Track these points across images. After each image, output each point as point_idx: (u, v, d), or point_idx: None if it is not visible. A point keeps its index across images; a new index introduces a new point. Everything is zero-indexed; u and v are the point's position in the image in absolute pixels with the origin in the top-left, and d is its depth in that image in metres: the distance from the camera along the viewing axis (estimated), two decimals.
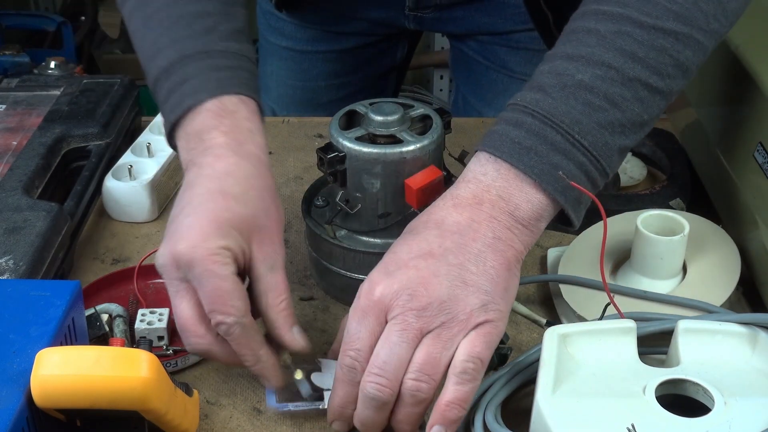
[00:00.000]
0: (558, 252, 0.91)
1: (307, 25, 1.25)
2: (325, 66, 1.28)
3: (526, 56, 1.20)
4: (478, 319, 0.66)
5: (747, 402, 0.65)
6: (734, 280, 0.81)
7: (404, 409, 0.67)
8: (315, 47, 1.27)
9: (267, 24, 1.30)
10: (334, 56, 1.27)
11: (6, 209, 0.87)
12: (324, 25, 1.24)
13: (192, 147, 0.73)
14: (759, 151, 0.82)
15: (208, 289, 0.67)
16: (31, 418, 0.61)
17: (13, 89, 1.11)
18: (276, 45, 1.30)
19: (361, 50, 1.27)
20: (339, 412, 0.70)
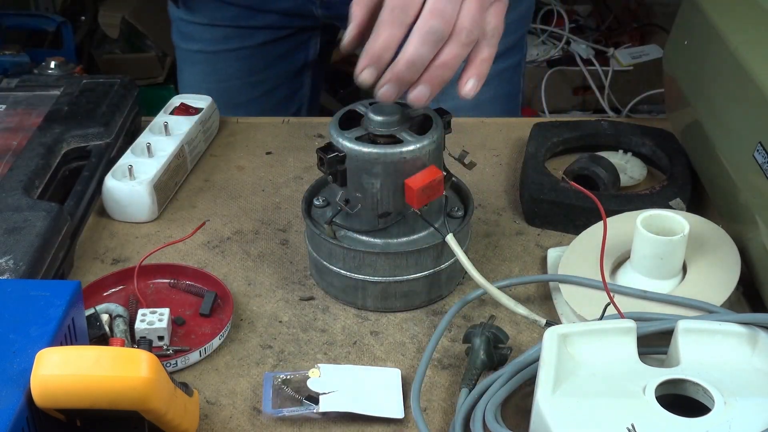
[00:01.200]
0: (558, 252, 0.91)
1: (216, 24, 1.25)
2: (238, 63, 1.28)
3: None
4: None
5: (747, 402, 0.65)
6: (734, 280, 0.81)
7: (453, 50, 0.72)
8: (226, 45, 1.26)
9: (178, 32, 1.30)
10: (246, 53, 1.27)
11: (6, 209, 0.87)
12: (233, 20, 1.24)
13: None
14: (759, 151, 0.82)
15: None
16: (31, 418, 0.61)
17: (13, 89, 1.11)
18: (187, 50, 1.30)
19: (273, 45, 1.26)
20: (378, 54, 0.72)
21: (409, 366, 0.80)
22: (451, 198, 0.89)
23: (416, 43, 0.72)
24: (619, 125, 1.08)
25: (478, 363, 0.76)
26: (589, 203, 0.93)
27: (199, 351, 0.80)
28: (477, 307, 0.86)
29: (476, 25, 0.73)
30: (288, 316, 0.86)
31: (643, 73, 2.49)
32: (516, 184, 1.03)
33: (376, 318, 0.85)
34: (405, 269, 0.84)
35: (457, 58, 0.73)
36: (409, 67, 0.72)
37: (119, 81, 1.11)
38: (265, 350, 0.82)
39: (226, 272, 0.91)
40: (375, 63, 0.73)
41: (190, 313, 0.85)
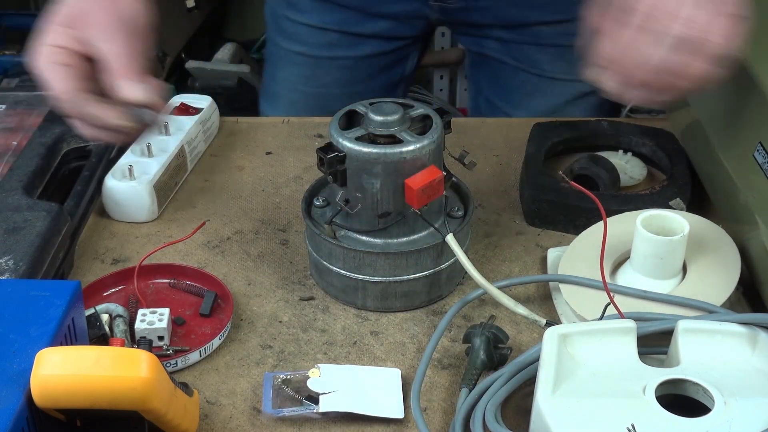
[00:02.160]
0: (558, 252, 0.91)
1: (325, 28, 1.23)
2: (340, 73, 1.27)
3: (555, 54, 1.19)
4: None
5: (747, 402, 0.65)
6: (734, 280, 0.81)
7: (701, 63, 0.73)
8: (331, 53, 1.25)
9: (279, 28, 1.28)
10: (350, 63, 1.26)
11: (6, 209, 0.87)
12: (341, 24, 1.23)
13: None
14: (759, 151, 0.82)
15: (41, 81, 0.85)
16: (31, 418, 0.61)
17: (13, 89, 1.11)
18: (288, 50, 1.28)
19: (377, 58, 1.26)
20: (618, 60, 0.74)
21: (409, 366, 0.80)
22: (451, 198, 0.89)
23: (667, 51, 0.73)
24: (619, 125, 1.08)
25: (478, 363, 0.76)
26: (589, 203, 0.93)
27: (199, 351, 0.80)
28: (477, 307, 0.86)
29: (727, 41, 0.73)
30: (288, 316, 0.86)
31: None
32: (516, 184, 1.03)
33: (376, 318, 0.85)
34: (405, 269, 0.84)
35: (703, 72, 0.74)
36: (657, 74, 0.74)
37: None
38: (265, 350, 0.82)
39: (226, 272, 0.91)
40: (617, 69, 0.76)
41: (190, 313, 0.85)
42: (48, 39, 0.84)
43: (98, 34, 0.83)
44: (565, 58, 1.20)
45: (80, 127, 0.88)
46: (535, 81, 1.22)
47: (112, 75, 0.83)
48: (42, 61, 0.84)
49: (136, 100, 0.84)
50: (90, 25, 0.83)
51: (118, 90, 0.83)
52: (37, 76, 0.85)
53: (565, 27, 1.17)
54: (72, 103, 0.84)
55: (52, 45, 0.84)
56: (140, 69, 0.84)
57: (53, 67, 0.83)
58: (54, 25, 0.84)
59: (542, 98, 1.23)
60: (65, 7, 0.85)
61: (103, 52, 0.83)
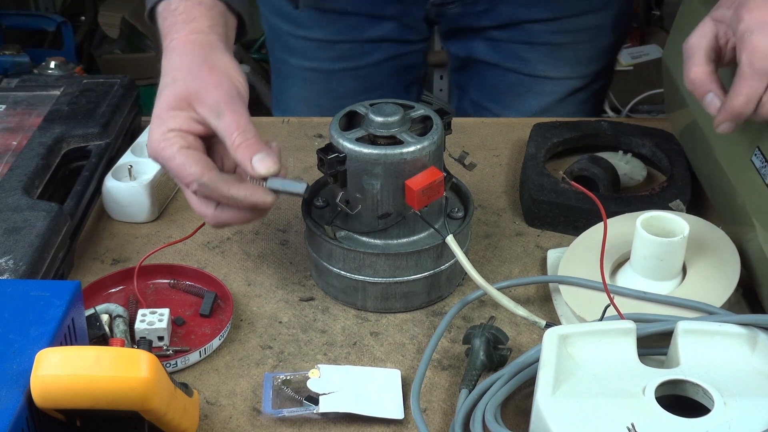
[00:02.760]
0: (558, 253, 0.91)
1: (334, 40, 1.24)
2: (355, 83, 1.27)
3: (546, 52, 1.20)
4: None
5: (746, 402, 0.65)
6: (734, 281, 0.81)
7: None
8: (343, 64, 1.26)
9: (284, 46, 1.28)
10: (361, 73, 1.26)
11: (6, 209, 0.87)
12: (352, 32, 1.23)
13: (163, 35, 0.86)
14: (757, 155, 0.82)
15: (169, 170, 0.79)
16: (31, 418, 0.61)
17: (13, 89, 1.11)
18: (299, 67, 1.28)
19: (388, 63, 1.26)
20: (738, 112, 0.76)
21: (408, 367, 0.80)
22: (451, 199, 0.89)
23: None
24: (619, 126, 1.08)
25: (477, 364, 0.77)
26: (589, 204, 0.93)
27: (199, 351, 0.80)
28: (477, 308, 0.86)
29: None
30: (288, 317, 0.86)
31: (643, 73, 2.49)
32: (516, 185, 1.03)
33: (376, 319, 0.85)
34: (405, 270, 0.84)
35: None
36: (747, 105, 0.76)
37: (119, 81, 1.11)
38: (265, 351, 0.82)
39: (226, 272, 0.91)
40: (738, 118, 0.77)
41: (190, 313, 0.85)
42: (168, 125, 0.78)
43: (215, 111, 0.78)
44: (556, 55, 1.21)
45: (217, 216, 0.79)
46: (527, 81, 1.23)
47: (240, 152, 0.77)
48: (168, 149, 0.77)
49: (271, 173, 0.77)
50: (204, 104, 0.78)
51: (255, 167, 0.76)
52: (166, 166, 0.78)
53: (558, 24, 1.18)
54: (211, 187, 0.76)
55: (174, 130, 0.78)
56: (260, 139, 0.78)
57: (184, 152, 0.77)
58: (168, 110, 0.79)
59: (533, 98, 1.24)
60: (173, 89, 0.80)
61: (223, 129, 0.78)
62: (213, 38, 0.83)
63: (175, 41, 0.83)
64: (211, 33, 0.84)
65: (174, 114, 0.78)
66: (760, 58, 0.74)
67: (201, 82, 0.79)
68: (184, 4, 0.85)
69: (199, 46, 0.82)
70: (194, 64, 0.80)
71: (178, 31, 0.83)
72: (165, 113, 0.79)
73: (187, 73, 0.80)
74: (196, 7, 0.85)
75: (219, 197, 0.77)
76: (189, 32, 0.83)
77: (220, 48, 0.83)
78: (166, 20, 0.85)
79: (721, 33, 0.81)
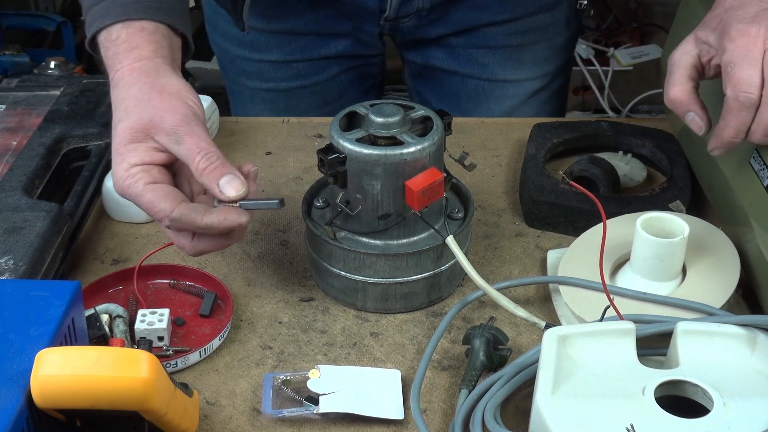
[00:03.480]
0: (558, 254, 0.91)
1: (290, 60, 1.23)
2: (313, 98, 1.27)
3: (504, 55, 1.20)
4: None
5: (746, 403, 0.65)
6: (733, 282, 0.81)
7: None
8: (298, 83, 1.25)
9: (239, 70, 1.27)
10: (319, 88, 1.26)
11: (6, 209, 0.87)
12: (307, 51, 1.22)
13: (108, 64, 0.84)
14: (755, 158, 0.82)
15: (141, 207, 0.78)
16: (31, 418, 0.61)
17: (13, 89, 1.11)
18: (256, 89, 1.28)
19: (343, 76, 1.26)
20: (729, 141, 0.78)
21: (408, 367, 0.80)
22: (451, 199, 0.89)
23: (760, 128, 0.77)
24: (619, 126, 1.08)
25: (477, 364, 0.77)
26: (589, 205, 0.93)
27: (199, 351, 0.80)
28: (477, 308, 0.86)
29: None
30: (288, 317, 0.86)
31: (643, 73, 2.49)
32: (516, 186, 1.03)
33: (376, 319, 0.85)
34: (405, 271, 0.84)
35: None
36: (737, 135, 0.78)
37: None
38: (265, 351, 0.82)
39: (226, 273, 0.91)
40: (728, 147, 0.79)
41: (190, 313, 0.85)
42: (129, 160, 0.77)
43: (173, 138, 0.77)
44: (514, 57, 1.21)
45: (195, 247, 0.78)
46: (487, 87, 1.22)
47: (206, 176, 0.76)
48: (134, 187, 0.76)
49: (241, 196, 0.76)
50: (161, 131, 0.77)
51: (223, 190, 0.76)
52: (135, 203, 0.77)
53: (513, 26, 1.18)
54: (183, 221, 0.75)
55: (137, 165, 0.76)
56: (225, 159, 0.77)
57: (151, 188, 0.76)
58: (126, 144, 0.77)
59: (495, 103, 1.24)
60: (127, 123, 0.78)
61: (185, 154, 0.77)
62: (158, 62, 0.82)
63: (120, 72, 0.81)
64: (156, 57, 0.82)
65: (133, 147, 0.77)
66: (745, 90, 0.76)
67: (154, 110, 0.78)
68: (125, 32, 0.83)
69: (145, 74, 0.80)
70: (143, 92, 0.79)
71: (121, 61, 0.82)
72: (123, 148, 0.77)
73: (138, 103, 0.79)
74: (137, 33, 0.83)
75: (194, 228, 0.76)
76: (133, 60, 0.81)
77: (166, 70, 0.82)
78: (109, 50, 0.83)
79: (704, 51, 0.82)
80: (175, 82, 0.81)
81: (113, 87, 0.82)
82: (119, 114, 0.79)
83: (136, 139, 0.77)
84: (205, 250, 0.79)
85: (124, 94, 0.80)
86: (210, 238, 0.78)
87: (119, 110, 0.80)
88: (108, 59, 0.84)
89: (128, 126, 0.78)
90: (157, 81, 0.80)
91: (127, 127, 0.78)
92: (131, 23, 0.83)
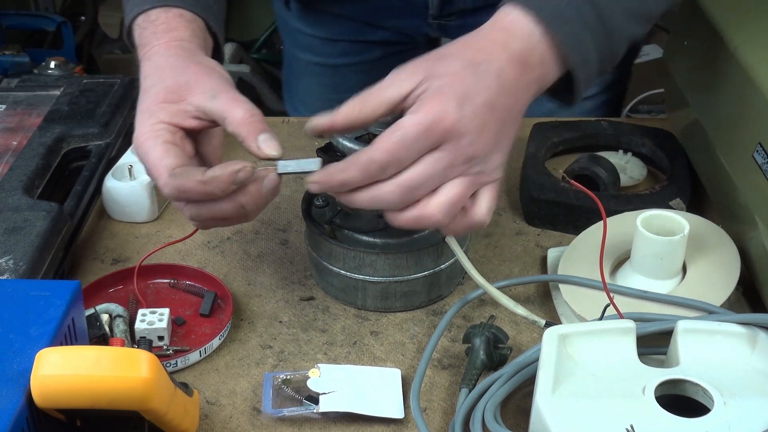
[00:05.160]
0: (558, 252, 0.91)
1: (334, 39, 1.26)
2: (357, 77, 1.28)
3: None
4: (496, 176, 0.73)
5: (746, 402, 0.65)
6: (734, 280, 0.81)
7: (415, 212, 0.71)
8: (344, 60, 1.28)
9: (295, 42, 1.31)
10: (365, 67, 1.28)
11: (6, 209, 0.87)
12: (350, 35, 1.25)
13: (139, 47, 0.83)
14: (758, 151, 0.82)
15: (146, 165, 0.74)
16: (31, 418, 0.61)
17: (13, 89, 1.11)
18: (307, 62, 1.31)
19: (389, 60, 1.27)
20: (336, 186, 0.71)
21: (409, 366, 0.80)
22: None
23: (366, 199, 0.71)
24: (619, 125, 1.08)
25: (477, 363, 0.77)
26: (589, 203, 0.93)
27: (199, 351, 0.80)
28: (477, 307, 0.86)
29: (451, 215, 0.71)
30: (288, 316, 0.86)
31: (643, 73, 2.49)
32: (516, 184, 1.03)
33: (376, 318, 0.85)
34: (405, 269, 0.84)
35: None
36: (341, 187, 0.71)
37: (119, 81, 1.12)
38: (265, 350, 0.82)
39: (226, 272, 0.91)
40: (330, 189, 0.72)
41: (190, 313, 0.85)
42: (157, 116, 0.74)
43: (209, 94, 0.74)
44: None
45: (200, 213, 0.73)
46: None
47: (244, 127, 0.72)
48: (152, 141, 0.73)
49: (277, 154, 0.72)
50: (196, 91, 0.74)
51: (261, 147, 0.72)
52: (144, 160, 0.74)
53: None
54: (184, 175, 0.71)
55: (164, 122, 0.74)
56: (265, 121, 0.74)
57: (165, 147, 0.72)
58: (157, 103, 0.75)
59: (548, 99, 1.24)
60: (162, 85, 0.76)
61: (221, 106, 0.73)
62: (195, 46, 0.81)
63: (156, 47, 0.80)
64: (193, 41, 0.81)
65: (165, 106, 0.75)
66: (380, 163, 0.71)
67: (191, 75, 0.76)
68: (164, 15, 0.82)
69: (183, 50, 0.80)
70: (180, 62, 0.78)
71: (159, 38, 0.81)
72: (155, 106, 0.75)
73: (174, 70, 0.77)
74: (176, 18, 0.82)
75: (195, 185, 0.70)
76: (171, 39, 0.80)
77: (203, 54, 0.81)
78: (146, 30, 0.82)
79: None
80: (212, 61, 0.80)
81: (146, 59, 0.80)
82: (152, 80, 0.77)
83: (170, 99, 0.75)
84: (209, 216, 0.73)
85: (161, 63, 0.78)
86: (217, 201, 0.72)
87: (152, 77, 0.78)
88: (143, 38, 0.82)
89: (163, 87, 0.76)
90: (194, 56, 0.79)
91: (162, 89, 0.76)
92: (171, 9, 0.83)
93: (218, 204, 0.72)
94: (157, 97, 0.76)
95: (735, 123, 0.88)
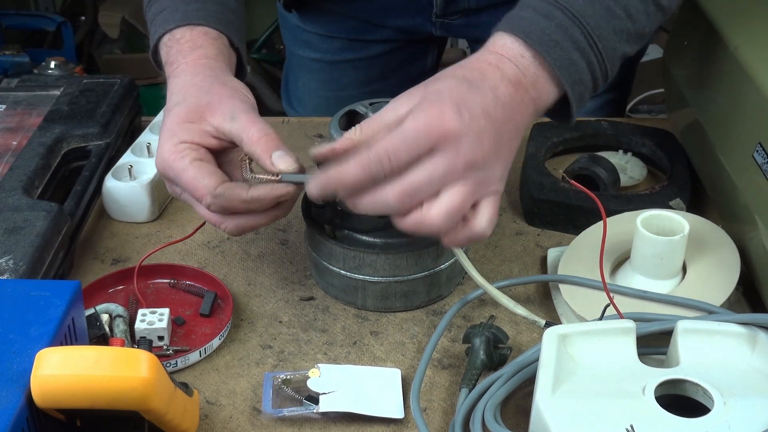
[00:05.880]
0: (558, 252, 0.91)
1: (333, 36, 1.26)
2: (356, 74, 1.29)
3: None
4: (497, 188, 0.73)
5: (746, 402, 0.65)
6: (734, 280, 0.81)
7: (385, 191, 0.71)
8: (343, 56, 1.28)
9: (294, 38, 1.31)
10: (363, 63, 1.28)
11: (6, 209, 0.87)
12: (349, 33, 1.25)
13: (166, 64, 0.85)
14: (758, 151, 0.82)
15: (181, 184, 0.76)
16: (31, 418, 0.61)
17: (13, 89, 1.11)
18: (305, 58, 1.31)
19: (390, 56, 1.28)
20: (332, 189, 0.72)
21: (408, 366, 0.80)
22: None
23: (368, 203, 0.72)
24: (619, 125, 1.08)
25: (477, 363, 0.77)
26: (589, 203, 0.93)
27: (199, 351, 0.80)
28: (477, 307, 0.86)
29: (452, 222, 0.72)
30: (288, 316, 0.86)
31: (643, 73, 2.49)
32: (516, 184, 1.03)
33: (376, 318, 0.85)
34: (405, 269, 0.84)
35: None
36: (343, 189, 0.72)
37: (119, 81, 1.12)
38: (265, 350, 0.82)
39: (226, 272, 0.91)
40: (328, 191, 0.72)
41: (190, 313, 0.85)
42: (179, 137, 0.76)
43: (229, 116, 0.76)
44: None
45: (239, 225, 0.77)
46: None
47: (260, 145, 0.75)
48: (180, 162, 0.75)
49: (292, 169, 0.75)
50: (217, 113, 0.77)
51: (274, 162, 0.75)
52: (177, 179, 0.76)
53: None
54: (227, 195, 0.74)
55: (186, 141, 0.76)
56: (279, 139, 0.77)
57: (197, 165, 0.75)
58: (179, 123, 0.77)
59: None
60: (185, 105, 0.78)
61: (239, 127, 0.76)
62: (221, 64, 0.83)
63: (183, 65, 0.82)
64: (219, 60, 0.83)
65: (186, 126, 0.77)
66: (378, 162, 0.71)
67: (213, 96, 0.78)
68: (189, 33, 0.84)
69: (209, 68, 0.82)
70: (205, 82, 0.80)
71: (186, 56, 0.83)
72: (176, 126, 0.77)
73: (198, 90, 0.79)
74: (201, 36, 0.84)
75: (239, 203, 0.75)
76: (197, 57, 0.83)
77: (228, 73, 0.83)
78: (172, 48, 0.84)
79: None
80: (237, 82, 0.82)
81: (173, 77, 0.82)
82: (177, 98, 0.80)
83: (190, 119, 0.77)
84: (248, 227, 0.78)
85: (186, 81, 0.80)
86: (255, 214, 0.77)
87: (177, 95, 0.80)
88: (170, 56, 0.84)
89: (185, 108, 0.78)
90: (220, 76, 0.81)
91: (184, 109, 0.78)
92: (195, 27, 0.85)
93: (255, 217, 0.77)
94: (179, 117, 0.78)
95: (735, 123, 0.88)
